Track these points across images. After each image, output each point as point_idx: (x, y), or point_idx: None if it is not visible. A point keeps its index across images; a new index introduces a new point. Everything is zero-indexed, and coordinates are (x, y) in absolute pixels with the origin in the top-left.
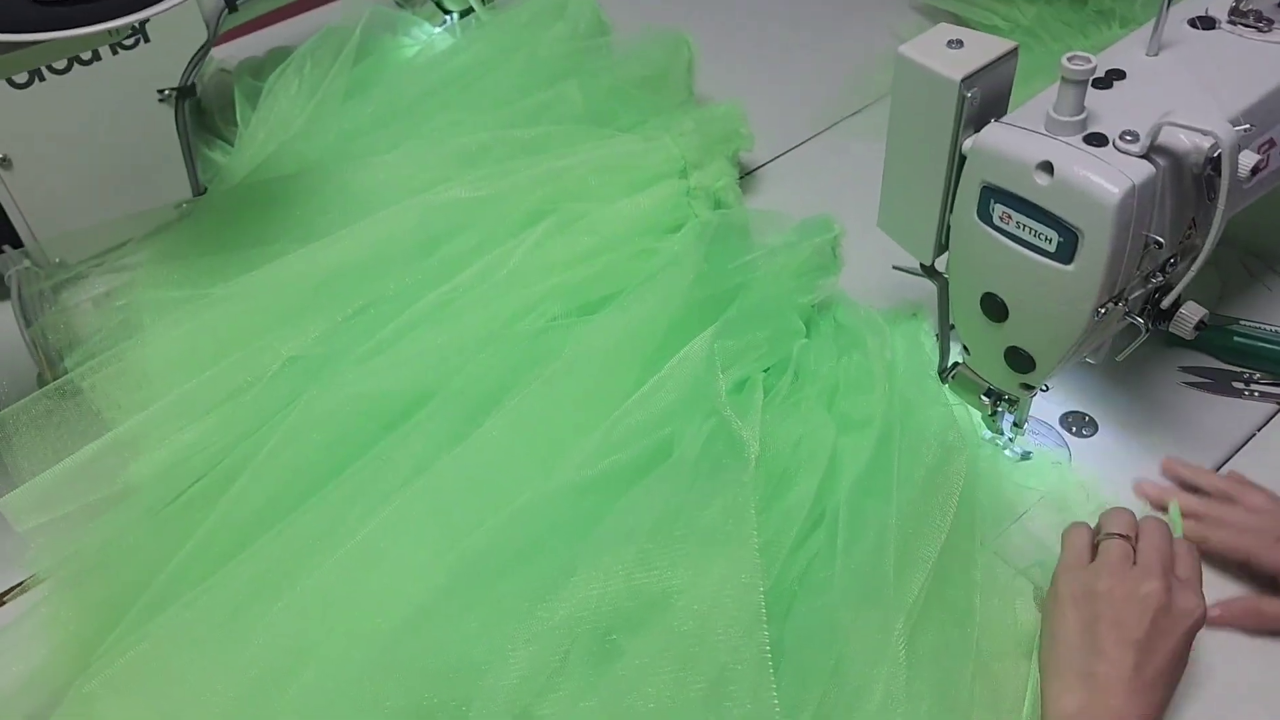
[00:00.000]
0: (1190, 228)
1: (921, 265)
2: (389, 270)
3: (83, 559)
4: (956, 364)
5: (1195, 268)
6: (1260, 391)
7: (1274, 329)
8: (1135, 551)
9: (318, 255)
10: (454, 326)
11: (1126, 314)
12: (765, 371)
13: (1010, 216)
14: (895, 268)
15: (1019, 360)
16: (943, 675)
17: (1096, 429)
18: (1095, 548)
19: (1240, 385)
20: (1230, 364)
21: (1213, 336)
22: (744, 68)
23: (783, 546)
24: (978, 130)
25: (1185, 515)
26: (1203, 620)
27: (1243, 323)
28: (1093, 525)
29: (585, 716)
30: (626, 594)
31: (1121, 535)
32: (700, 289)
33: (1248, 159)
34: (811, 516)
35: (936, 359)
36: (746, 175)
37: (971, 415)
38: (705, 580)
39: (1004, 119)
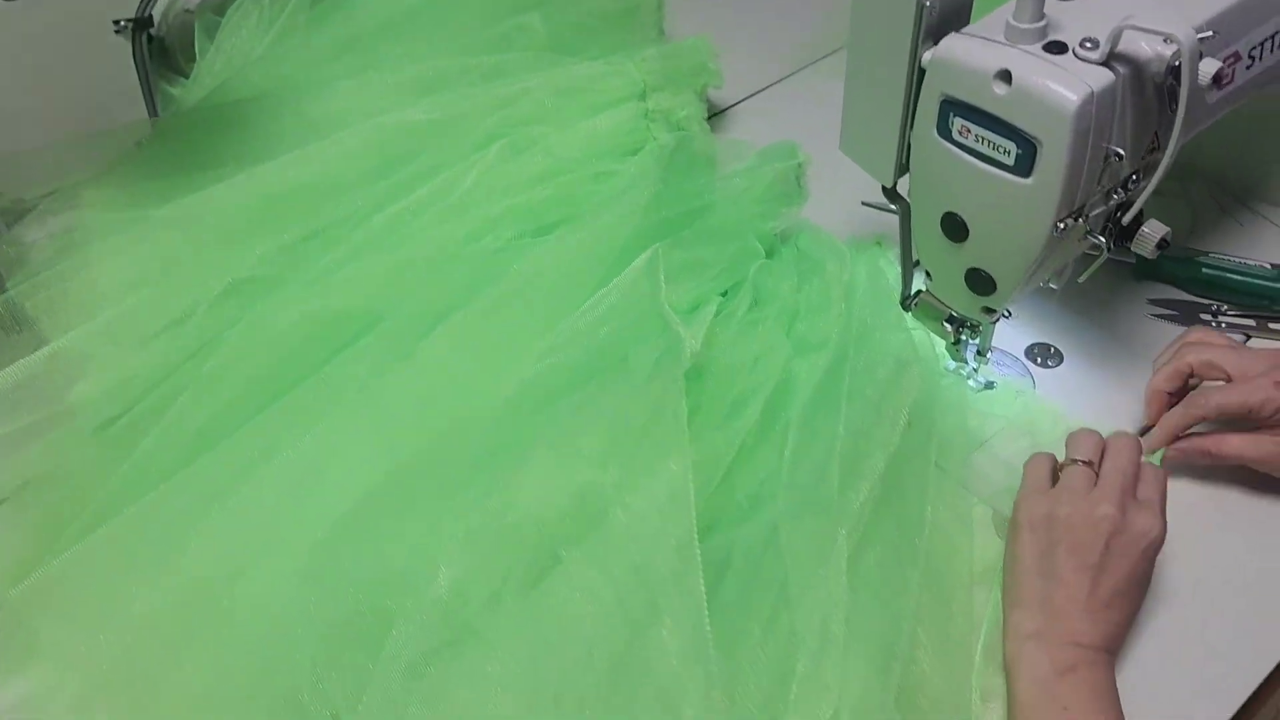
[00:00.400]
0: (1153, 144)
1: (884, 189)
2: (341, 193)
3: (23, 479)
4: (920, 292)
5: (1155, 180)
6: (1227, 323)
7: (1243, 260)
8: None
9: (268, 177)
10: (406, 248)
11: (1088, 232)
12: (723, 295)
13: (969, 130)
14: (865, 203)
15: (980, 282)
16: (888, 583)
17: (1061, 360)
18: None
19: (1208, 317)
20: (1198, 296)
21: (1181, 269)
22: (716, 6)
23: (727, 464)
24: (937, 43)
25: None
26: (1161, 541)
27: (1212, 255)
28: (1061, 451)
29: (520, 628)
30: (563, 497)
31: (1084, 461)
32: (657, 210)
33: (1209, 66)
34: (766, 436)
35: (900, 288)
36: (716, 115)
37: (934, 343)
38: (641, 482)
39: (963, 30)
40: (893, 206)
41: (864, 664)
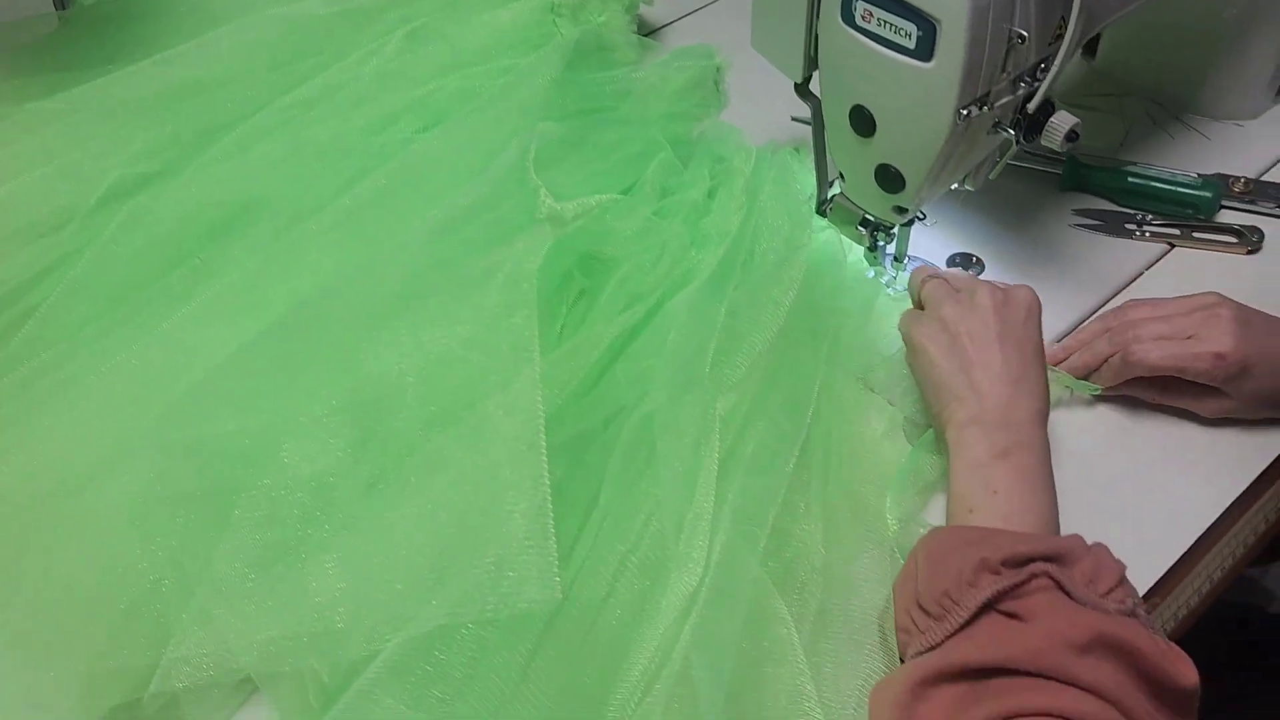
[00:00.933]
0: (1059, 29)
1: (796, 87)
2: (235, 87)
3: None
4: (835, 196)
5: (1059, 64)
6: (1152, 232)
7: (1170, 170)
8: None
9: (159, 70)
10: (294, 140)
11: (996, 124)
12: (625, 192)
13: (871, 14)
14: (794, 119)
15: (889, 179)
16: (767, 459)
17: (983, 269)
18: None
19: (1132, 226)
20: (1124, 207)
21: (1107, 178)
22: None
23: (603, 349)
24: None
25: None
26: (1037, 303)
27: (1139, 165)
28: None
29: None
30: (416, 372)
31: (931, 277)
32: (556, 107)
33: None
34: (658, 326)
35: (814, 192)
36: (647, 34)
37: (849, 249)
38: (484, 361)
39: None
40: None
41: (734, 535)
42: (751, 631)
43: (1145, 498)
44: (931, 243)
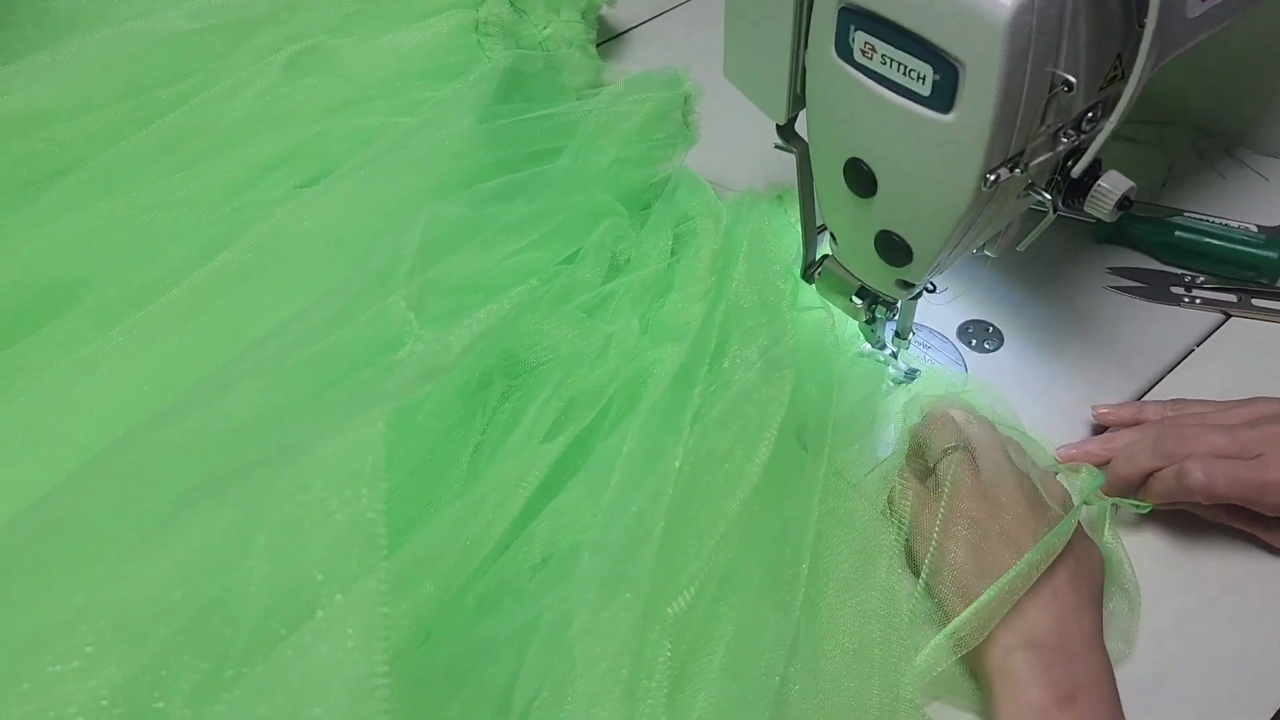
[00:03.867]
0: (1115, 71)
1: (778, 128)
2: (71, 121)
3: None
4: (825, 257)
5: (1116, 119)
6: (1203, 298)
7: (1224, 222)
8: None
9: None
10: (134, 199)
11: (1029, 187)
12: (563, 263)
13: (874, 49)
14: (778, 147)
15: (893, 250)
16: (745, 689)
17: (1002, 342)
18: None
19: (1180, 290)
20: (1170, 264)
21: (1149, 231)
22: None
23: (525, 497)
24: None
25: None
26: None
27: (1187, 215)
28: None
29: None
30: (203, 584)
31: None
32: (479, 153)
33: None
34: (593, 459)
35: (798, 254)
36: (608, 40)
37: (840, 321)
38: (312, 568)
39: None
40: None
41: None
42: None
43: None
44: (941, 308)
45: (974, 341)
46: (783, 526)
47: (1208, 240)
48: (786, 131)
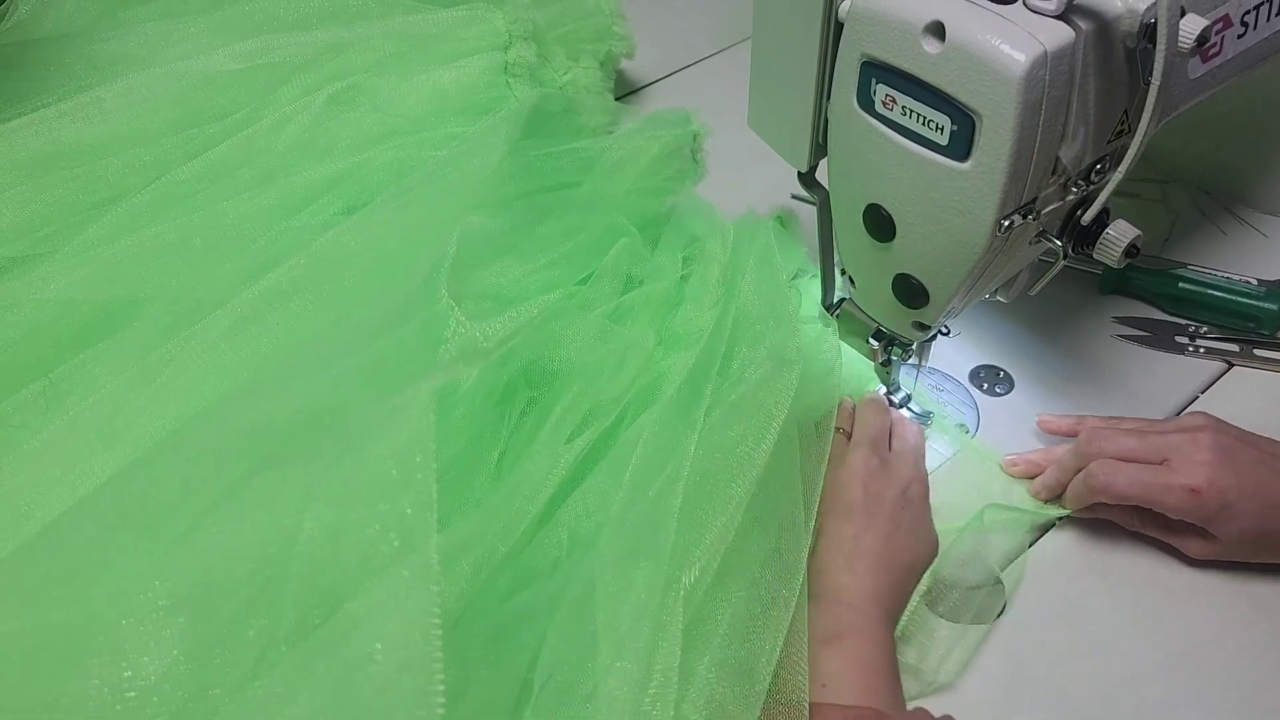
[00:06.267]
0: (1121, 125)
1: (800, 175)
2: (122, 155)
3: None
4: (844, 300)
5: (1122, 171)
6: (1206, 347)
7: (1226, 275)
8: None
9: (32, 130)
10: (186, 223)
11: (1041, 234)
12: (581, 283)
13: (894, 100)
14: (794, 196)
15: (909, 292)
16: (748, 654)
17: (1012, 386)
18: None
19: (1184, 340)
20: (1173, 314)
21: (1154, 282)
22: None
23: (549, 492)
24: None
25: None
26: (923, 487)
27: (1191, 267)
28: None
29: None
30: (267, 563)
31: (839, 429)
32: (506, 184)
33: (1193, 25)
34: (613, 457)
35: (794, 264)
36: (627, 95)
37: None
38: (359, 553)
39: None
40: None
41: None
42: None
43: (1108, 653)
44: (953, 353)
45: (985, 385)
46: (785, 512)
47: (1210, 292)
48: (807, 179)
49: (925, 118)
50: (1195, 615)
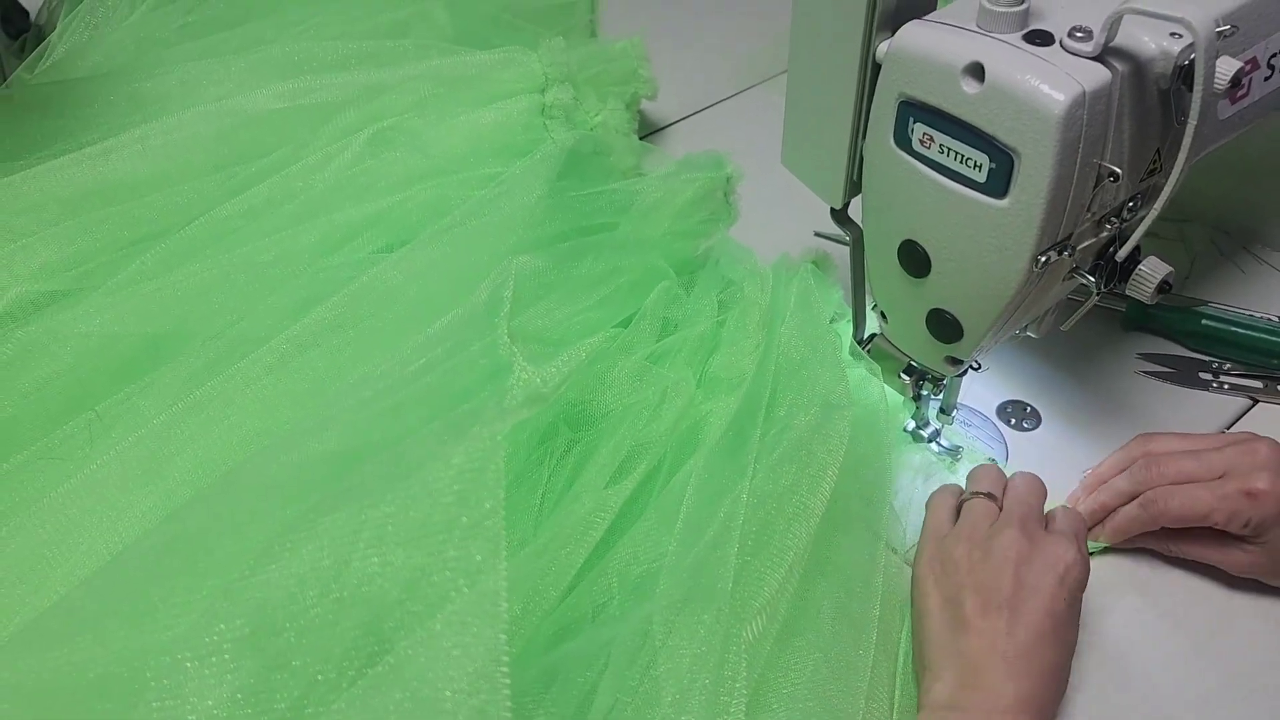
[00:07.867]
0: (1155, 164)
1: (833, 212)
2: (166, 192)
3: None
4: (874, 336)
5: (1158, 208)
6: (1230, 384)
7: (1248, 312)
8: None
9: (77, 168)
10: (229, 260)
11: (1074, 269)
12: (620, 326)
13: (932, 139)
14: (818, 234)
15: (943, 327)
16: (821, 704)
17: (1039, 422)
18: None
19: (1207, 376)
20: (1196, 351)
21: (1178, 320)
22: (660, 15)
23: (597, 536)
24: (894, 32)
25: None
26: (1082, 575)
27: (1212, 305)
28: None
29: None
30: (329, 590)
31: (984, 493)
32: (543, 224)
33: (1227, 66)
34: (659, 500)
35: (831, 307)
36: (651, 134)
37: (889, 395)
38: (427, 578)
39: (927, 16)
40: (847, 237)
41: None
42: None
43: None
44: (981, 389)
45: (1013, 420)
46: (848, 566)
47: (1233, 329)
48: (840, 215)
49: (963, 156)
50: (1235, 645)
